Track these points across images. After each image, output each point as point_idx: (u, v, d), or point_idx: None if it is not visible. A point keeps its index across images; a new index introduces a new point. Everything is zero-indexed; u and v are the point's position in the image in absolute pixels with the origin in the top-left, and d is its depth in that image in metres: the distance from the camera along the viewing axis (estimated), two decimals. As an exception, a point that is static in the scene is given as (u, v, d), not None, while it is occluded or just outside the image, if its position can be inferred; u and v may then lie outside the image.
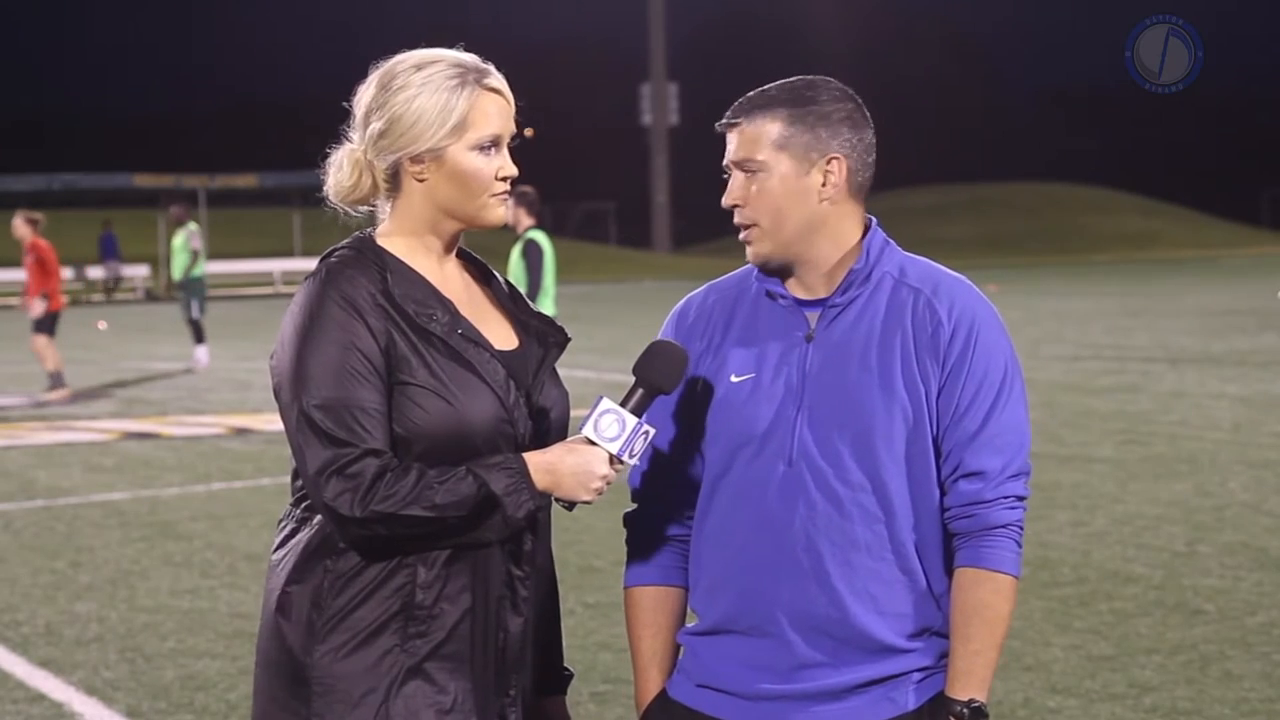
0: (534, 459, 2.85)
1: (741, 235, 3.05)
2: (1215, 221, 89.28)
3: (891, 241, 3.10)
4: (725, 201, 3.05)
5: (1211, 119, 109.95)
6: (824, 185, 3.02)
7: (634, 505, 3.18)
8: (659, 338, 3.08)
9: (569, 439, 2.93)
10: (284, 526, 2.96)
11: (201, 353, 22.88)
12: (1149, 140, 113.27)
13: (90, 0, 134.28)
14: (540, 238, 13.99)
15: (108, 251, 52.10)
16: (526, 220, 13.95)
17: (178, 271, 23.42)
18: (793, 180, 3.00)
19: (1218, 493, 10.83)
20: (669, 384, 2.96)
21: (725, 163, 3.06)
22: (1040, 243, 78.06)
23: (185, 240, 23.15)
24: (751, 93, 3.08)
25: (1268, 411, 15.27)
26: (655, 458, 3.12)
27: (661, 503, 3.15)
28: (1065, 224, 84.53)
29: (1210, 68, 5.19)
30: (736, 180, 3.04)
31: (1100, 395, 17.01)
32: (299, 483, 2.91)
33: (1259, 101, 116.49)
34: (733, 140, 3.05)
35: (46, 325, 19.09)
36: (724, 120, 3.07)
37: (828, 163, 3.01)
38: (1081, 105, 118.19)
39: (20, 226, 19.14)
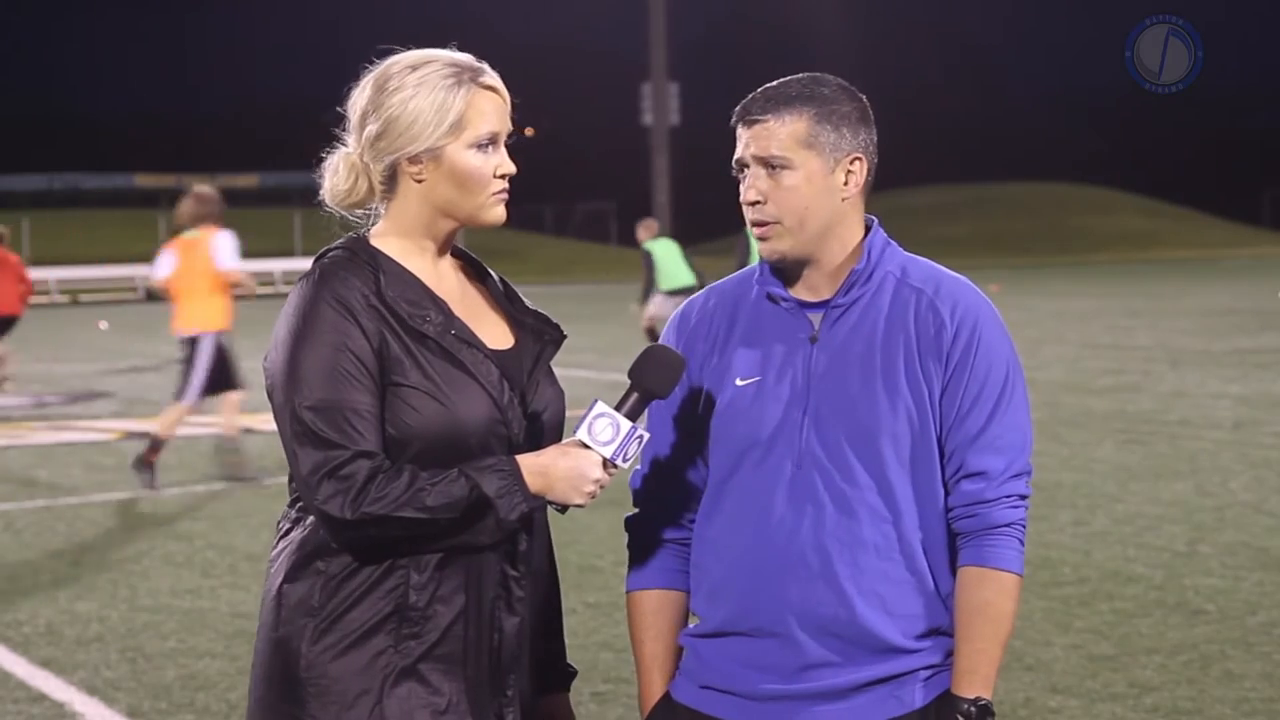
0: (527, 461, 2.84)
1: (758, 232, 3.00)
2: (1215, 221, 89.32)
3: (893, 242, 3.09)
4: (746, 198, 2.99)
5: (1211, 119, 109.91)
6: (846, 184, 3.00)
7: (636, 509, 3.17)
8: (659, 342, 3.06)
9: (563, 441, 2.91)
10: (281, 527, 2.96)
11: None
12: (1149, 140, 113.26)
13: (91, 0, 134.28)
14: (654, 247, 20.18)
15: None
16: (644, 235, 20.52)
17: None
18: (820, 179, 2.97)
19: (1218, 492, 10.83)
20: (664, 389, 2.93)
21: (741, 158, 3.00)
22: (1041, 243, 78.08)
23: None
24: (767, 88, 3.02)
25: (1268, 411, 15.27)
26: (659, 461, 3.10)
27: (664, 506, 3.14)
28: (1066, 224, 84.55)
29: (1210, 68, 5.20)
30: (757, 176, 2.99)
31: (1101, 395, 17.01)
32: (294, 483, 2.91)
33: (1259, 101, 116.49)
34: (755, 136, 2.98)
35: None
36: (747, 116, 3.00)
37: (851, 162, 3.00)
38: (1082, 105, 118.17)
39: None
